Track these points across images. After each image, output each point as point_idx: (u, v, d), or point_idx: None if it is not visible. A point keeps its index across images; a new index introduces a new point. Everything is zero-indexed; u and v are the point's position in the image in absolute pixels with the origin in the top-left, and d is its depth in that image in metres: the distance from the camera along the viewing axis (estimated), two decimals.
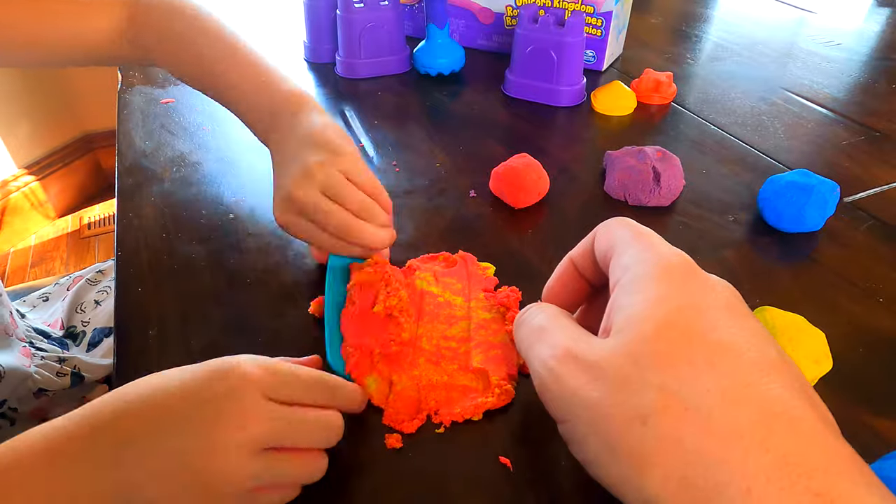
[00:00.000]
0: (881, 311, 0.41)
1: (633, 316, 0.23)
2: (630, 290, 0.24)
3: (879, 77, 0.79)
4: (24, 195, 1.76)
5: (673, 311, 0.23)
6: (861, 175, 0.57)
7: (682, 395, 0.21)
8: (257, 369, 0.29)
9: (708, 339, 0.22)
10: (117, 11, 0.50)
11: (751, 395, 0.21)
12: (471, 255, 0.44)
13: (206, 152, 0.59)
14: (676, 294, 0.23)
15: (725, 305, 0.24)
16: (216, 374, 0.28)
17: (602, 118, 0.67)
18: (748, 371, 0.21)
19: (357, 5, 0.71)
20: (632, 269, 0.25)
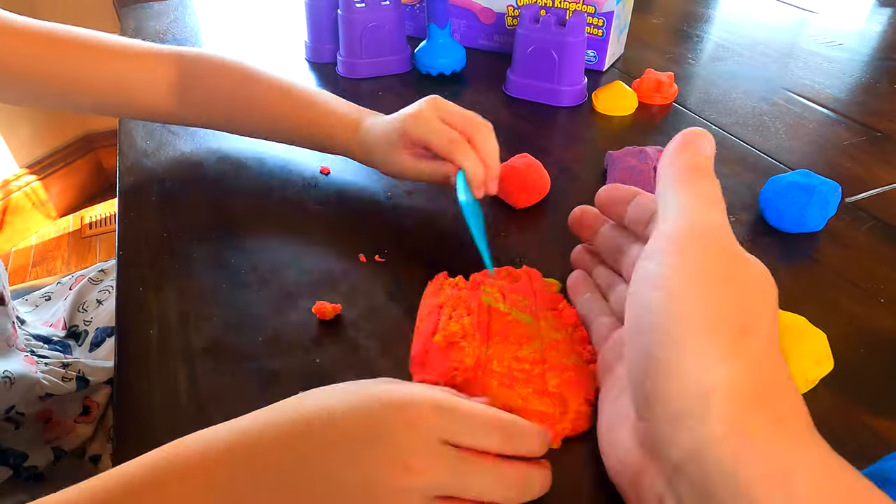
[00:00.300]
0: (882, 312, 0.41)
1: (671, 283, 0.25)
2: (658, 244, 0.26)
3: (881, 77, 0.79)
4: (25, 195, 1.76)
5: (718, 281, 0.25)
6: (862, 175, 0.57)
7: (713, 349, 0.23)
8: (435, 407, 0.27)
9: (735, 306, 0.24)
10: (167, 64, 0.51)
11: (769, 355, 0.25)
12: (535, 271, 0.42)
13: (208, 152, 0.59)
14: (716, 264, 0.25)
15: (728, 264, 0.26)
16: (391, 406, 0.27)
17: (603, 118, 0.67)
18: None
19: (358, 5, 0.71)
20: (665, 233, 0.26)
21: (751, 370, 0.23)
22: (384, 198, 0.52)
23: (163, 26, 0.90)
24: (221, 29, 0.91)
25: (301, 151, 0.59)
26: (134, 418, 0.33)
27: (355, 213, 0.50)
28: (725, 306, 0.24)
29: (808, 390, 0.34)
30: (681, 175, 0.27)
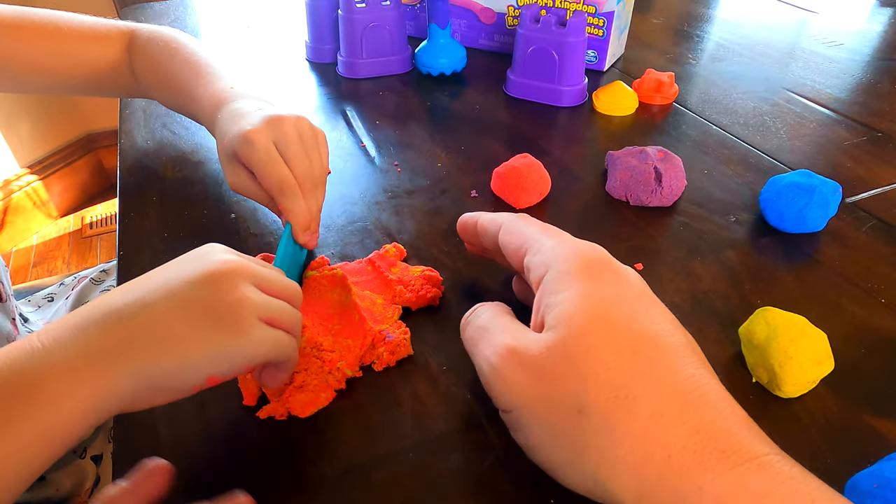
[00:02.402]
0: (883, 312, 0.41)
1: (563, 314, 0.25)
2: (555, 288, 0.27)
3: (882, 77, 0.79)
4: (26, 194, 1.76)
5: (597, 304, 0.25)
6: (863, 175, 0.57)
7: (611, 384, 0.23)
8: (239, 264, 0.30)
9: (631, 329, 0.25)
10: (119, 41, 0.54)
11: (668, 378, 0.23)
12: (380, 254, 0.44)
13: (208, 152, 0.59)
14: (597, 288, 0.26)
15: (639, 294, 0.26)
16: (207, 281, 0.28)
17: (604, 118, 0.67)
18: (665, 355, 0.24)
19: (359, 5, 0.71)
20: (553, 266, 0.28)
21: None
22: (384, 198, 0.52)
23: None
24: (221, 29, 0.91)
25: None
26: (134, 419, 0.33)
27: (355, 213, 0.50)
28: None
29: (809, 391, 0.34)
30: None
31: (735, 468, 0.21)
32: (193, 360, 0.26)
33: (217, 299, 0.27)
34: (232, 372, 0.27)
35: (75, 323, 0.26)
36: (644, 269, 0.44)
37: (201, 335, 0.26)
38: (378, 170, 0.57)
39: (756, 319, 0.35)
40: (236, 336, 0.27)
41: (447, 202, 0.52)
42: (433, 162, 0.58)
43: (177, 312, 0.26)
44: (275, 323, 0.29)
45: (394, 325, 0.38)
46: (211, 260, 0.29)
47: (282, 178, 0.39)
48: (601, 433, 0.23)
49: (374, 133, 0.63)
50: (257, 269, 0.30)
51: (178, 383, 0.26)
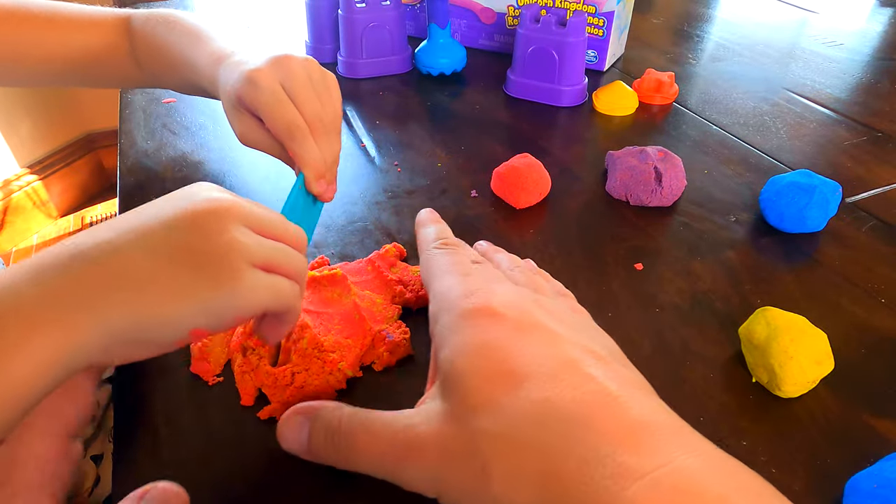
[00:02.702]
0: (883, 312, 0.41)
1: (446, 376, 0.25)
2: (441, 344, 0.26)
3: (882, 77, 0.79)
4: (26, 194, 1.76)
5: (472, 359, 0.24)
6: (863, 175, 0.57)
7: (501, 432, 0.22)
8: (230, 202, 0.26)
9: (504, 371, 0.24)
10: (116, 27, 0.52)
11: (547, 409, 0.22)
12: (381, 254, 0.43)
13: (208, 152, 0.59)
14: (471, 339, 0.25)
15: (516, 328, 0.25)
16: (189, 221, 0.25)
17: (604, 118, 0.67)
18: (542, 387, 0.23)
19: (359, 5, 0.71)
20: (439, 319, 0.27)
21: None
22: (384, 198, 0.52)
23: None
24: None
25: None
26: (134, 418, 0.33)
27: (356, 213, 0.50)
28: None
29: (809, 391, 0.34)
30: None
31: (623, 492, 0.20)
32: (172, 311, 0.23)
33: (201, 243, 0.24)
34: (221, 325, 0.25)
35: (33, 265, 0.22)
36: (644, 269, 0.44)
37: (181, 283, 0.23)
38: (378, 170, 0.57)
39: (756, 319, 0.35)
40: (223, 284, 0.24)
41: (447, 202, 0.52)
42: (433, 162, 0.58)
43: (153, 257, 0.23)
44: (273, 268, 0.26)
45: (394, 324, 0.38)
46: (195, 199, 0.25)
47: (290, 120, 0.36)
48: (507, 485, 0.22)
49: (374, 133, 0.63)
50: (252, 208, 0.27)
51: (155, 336, 0.24)
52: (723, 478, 0.20)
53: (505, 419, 0.23)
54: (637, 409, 0.22)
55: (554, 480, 0.21)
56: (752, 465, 0.31)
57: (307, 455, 0.28)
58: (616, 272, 0.44)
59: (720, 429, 0.33)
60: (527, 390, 0.23)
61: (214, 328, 0.25)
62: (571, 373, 0.23)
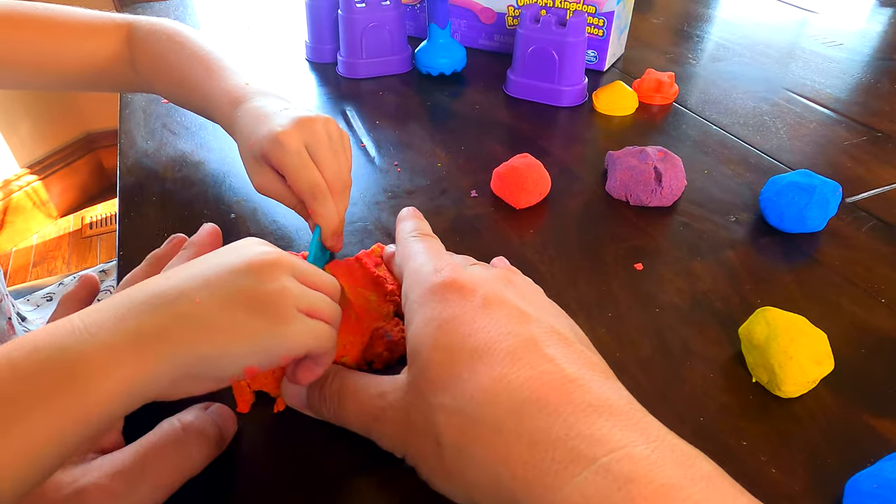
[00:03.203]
0: (883, 312, 0.41)
1: (411, 349, 0.27)
2: (410, 319, 0.28)
3: (882, 77, 0.79)
4: (26, 194, 1.76)
5: (435, 333, 0.26)
6: (863, 175, 0.57)
7: (457, 407, 0.23)
8: (279, 255, 0.29)
9: (466, 347, 0.24)
10: (117, 34, 0.53)
11: (503, 387, 0.23)
12: (366, 252, 0.43)
13: (208, 152, 0.59)
14: (438, 313, 0.26)
15: (482, 304, 0.26)
16: (248, 270, 0.27)
17: (604, 118, 0.67)
18: (500, 364, 0.23)
19: (359, 5, 0.71)
20: (408, 296, 0.29)
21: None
22: (384, 198, 0.52)
23: None
24: (221, 29, 0.91)
25: None
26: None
27: (355, 213, 0.50)
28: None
29: (809, 391, 0.34)
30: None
31: (573, 479, 0.20)
32: (233, 349, 0.25)
33: (258, 289, 0.27)
34: (271, 363, 0.27)
35: (115, 304, 0.25)
36: (644, 269, 0.44)
37: (241, 324, 0.26)
38: (378, 170, 0.57)
39: (756, 319, 0.35)
40: (277, 325, 0.26)
41: (447, 202, 0.52)
42: (433, 162, 0.58)
43: (216, 301, 0.26)
44: (314, 314, 0.28)
45: (390, 322, 0.38)
46: (251, 251, 0.28)
47: (314, 183, 0.38)
48: (457, 460, 0.23)
49: (374, 133, 0.63)
50: (296, 261, 0.30)
51: (216, 372, 0.26)
52: (675, 465, 0.20)
53: (460, 394, 0.24)
54: (594, 392, 0.22)
55: (504, 460, 0.22)
56: (751, 465, 0.31)
57: (306, 410, 0.31)
58: (616, 272, 0.44)
59: (720, 429, 0.33)
60: (485, 367, 0.24)
61: (265, 366, 0.26)
62: (531, 352, 0.24)
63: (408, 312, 0.28)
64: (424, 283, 0.28)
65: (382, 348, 0.36)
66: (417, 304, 0.28)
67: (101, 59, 0.52)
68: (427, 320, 0.26)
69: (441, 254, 0.31)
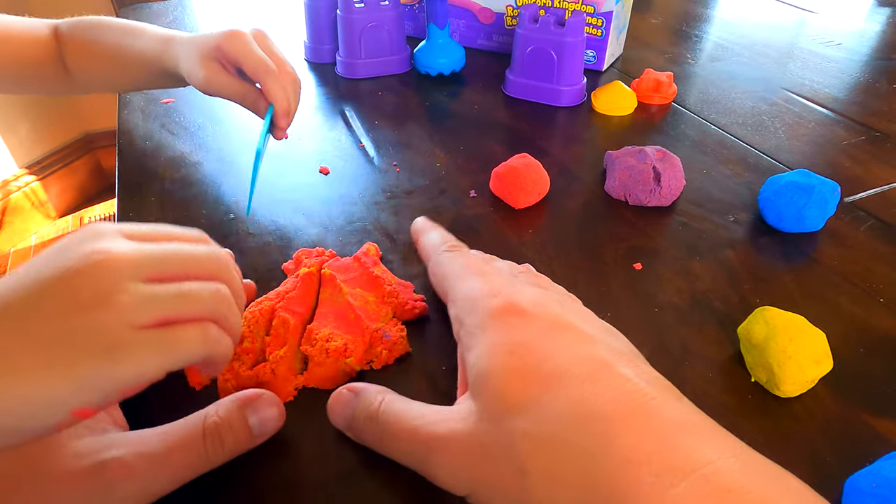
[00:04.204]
0: (882, 312, 0.41)
1: (478, 375, 0.25)
2: (469, 344, 0.27)
3: (880, 77, 0.79)
4: (24, 195, 1.76)
5: (508, 359, 0.25)
6: (862, 175, 0.57)
7: (541, 432, 0.23)
8: (123, 252, 0.23)
9: (543, 371, 0.24)
10: (45, 33, 0.55)
11: (587, 409, 0.22)
12: (366, 251, 0.43)
13: (207, 152, 0.59)
14: (505, 338, 0.25)
15: (548, 327, 0.26)
16: (63, 285, 0.22)
17: (602, 118, 0.67)
18: (581, 386, 0.23)
19: (357, 5, 0.71)
20: (465, 321, 0.28)
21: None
22: (383, 198, 0.52)
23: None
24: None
25: (301, 152, 0.59)
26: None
27: (355, 213, 0.50)
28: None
29: (808, 390, 0.34)
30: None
31: (671, 489, 0.20)
32: (44, 393, 0.20)
33: (72, 313, 0.21)
34: (107, 398, 0.22)
35: None
36: (643, 268, 0.44)
37: (53, 360, 0.20)
38: (377, 170, 0.57)
39: (755, 319, 0.35)
40: (103, 356, 0.21)
41: (446, 202, 0.52)
42: (432, 162, 0.58)
43: (18, 334, 0.20)
44: (172, 319, 0.23)
45: (389, 323, 0.38)
46: (72, 255, 0.22)
47: (266, 62, 0.46)
48: (545, 486, 0.22)
49: (373, 133, 0.63)
50: (145, 254, 0.23)
51: (29, 423, 0.21)
52: (767, 478, 0.20)
53: (542, 419, 0.23)
54: (672, 409, 0.22)
55: (596, 480, 0.21)
56: None
57: (350, 434, 0.29)
58: (615, 272, 0.44)
59: None
60: (564, 389, 0.23)
61: (100, 403, 0.22)
62: (606, 373, 0.23)
63: (466, 338, 0.27)
64: (481, 308, 0.27)
65: (382, 348, 0.36)
66: (478, 328, 0.27)
67: (32, 64, 0.55)
68: (493, 345, 0.25)
69: (486, 273, 0.30)
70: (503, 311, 0.27)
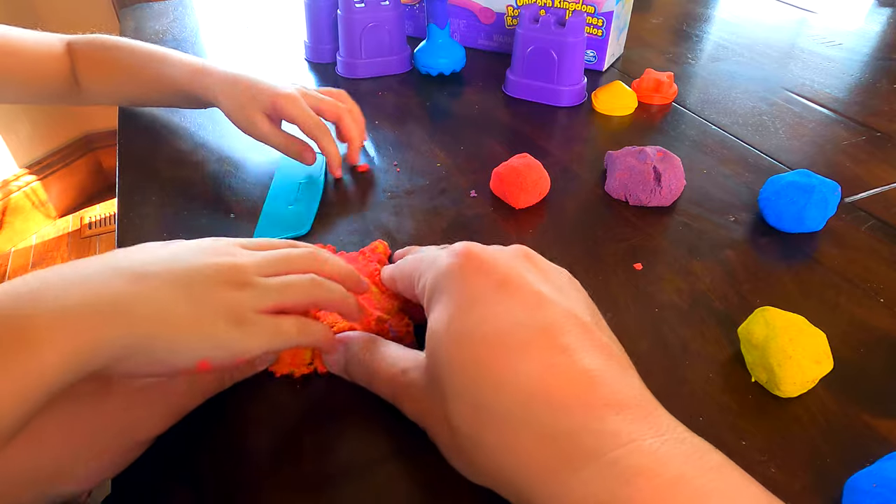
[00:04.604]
0: (882, 312, 0.41)
1: (429, 331, 0.27)
2: (429, 302, 0.28)
3: (880, 77, 0.79)
4: (25, 195, 1.76)
5: (449, 319, 0.26)
6: (862, 175, 0.57)
7: (467, 396, 0.24)
8: (247, 256, 0.31)
9: (477, 334, 0.25)
10: (59, 50, 0.57)
11: (511, 378, 0.23)
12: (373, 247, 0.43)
13: (207, 152, 0.59)
14: (456, 294, 0.27)
15: (498, 285, 0.26)
16: (209, 270, 0.28)
17: (603, 118, 0.67)
18: (511, 355, 0.24)
19: (358, 5, 0.71)
20: (429, 281, 0.29)
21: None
22: (384, 198, 0.52)
23: (162, 26, 0.90)
24: (221, 29, 0.91)
25: None
26: None
27: (355, 214, 0.50)
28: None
29: (808, 390, 0.34)
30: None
31: (578, 473, 0.20)
32: (188, 338, 0.26)
33: (220, 291, 0.27)
34: (225, 360, 0.27)
35: (63, 273, 0.24)
36: (643, 268, 0.44)
37: (198, 319, 0.26)
38: (377, 170, 0.57)
39: (755, 319, 0.35)
40: (234, 328, 0.27)
41: (446, 202, 0.52)
42: (432, 162, 0.58)
43: (178, 290, 0.26)
44: (285, 308, 0.29)
45: (395, 317, 0.38)
46: (217, 252, 0.29)
47: (318, 124, 0.51)
48: (469, 445, 0.24)
49: (374, 133, 0.63)
50: (261, 257, 0.31)
51: (168, 357, 0.25)
52: (685, 457, 0.20)
53: (471, 383, 0.24)
54: (607, 386, 0.22)
55: (511, 450, 0.22)
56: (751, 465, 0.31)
57: (346, 377, 0.33)
58: (615, 272, 0.44)
59: (719, 428, 0.33)
60: (495, 357, 0.24)
61: (220, 363, 0.27)
62: (544, 343, 0.24)
63: (429, 294, 0.28)
64: (440, 263, 0.28)
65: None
66: (435, 284, 0.28)
67: (45, 77, 0.56)
68: (446, 303, 0.27)
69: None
70: (459, 262, 0.27)
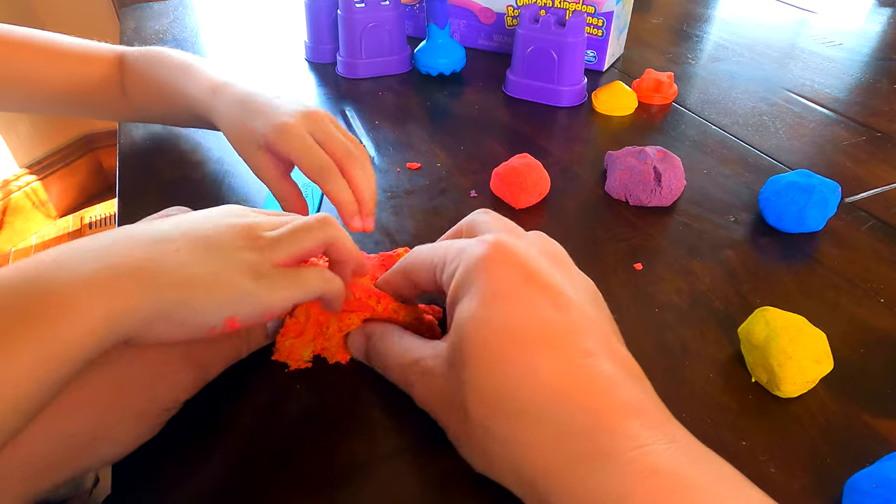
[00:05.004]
0: (882, 312, 0.41)
1: (455, 319, 0.27)
2: (459, 291, 0.28)
3: (881, 77, 0.79)
4: (25, 195, 1.76)
5: (477, 309, 0.26)
6: (862, 175, 0.57)
7: (487, 387, 0.24)
8: (256, 216, 0.31)
9: (502, 330, 0.25)
10: (110, 61, 0.55)
11: (534, 374, 0.23)
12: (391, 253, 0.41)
13: (208, 152, 0.59)
14: (485, 289, 0.26)
15: (526, 280, 0.26)
16: (228, 230, 0.29)
17: (603, 118, 0.67)
18: (535, 351, 0.24)
19: (358, 5, 0.71)
20: (461, 269, 0.28)
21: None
22: (384, 197, 0.52)
23: (162, 26, 0.90)
24: (221, 29, 0.91)
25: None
26: None
27: None
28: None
29: (808, 390, 0.34)
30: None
31: (596, 471, 0.20)
32: (213, 297, 0.26)
33: (240, 251, 0.28)
34: (252, 316, 0.28)
35: (86, 245, 0.25)
36: (643, 268, 0.44)
37: (220, 277, 0.27)
38: (377, 170, 0.57)
39: (755, 319, 0.35)
40: (254, 281, 0.28)
41: (446, 202, 0.52)
42: (432, 162, 0.58)
43: (198, 252, 0.27)
44: (301, 257, 0.30)
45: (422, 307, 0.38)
46: (226, 220, 0.30)
47: (322, 164, 0.39)
48: (483, 436, 0.24)
49: (374, 133, 0.63)
50: (269, 218, 0.31)
51: (196, 317, 0.26)
52: (700, 464, 0.20)
53: (492, 375, 0.24)
54: (625, 391, 0.23)
55: (527, 444, 0.22)
56: (751, 465, 0.31)
57: (368, 363, 0.34)
58: (615, 272, 0.44)
59: (719, 429, 0.33)
60: (519, 352, 0.24)
61: (247, 319, 0.27)
62: (567, 344, 0.24)
63: (458, 285, 0.28)
64: (472, 252, 0.28)
65: (425, 331, 0.36)
66: (466, 273, 0.27)
67: (93, 84, 0.54)
68: (472, 292, 0.26)
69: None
70: (489, 260, 0.27)
